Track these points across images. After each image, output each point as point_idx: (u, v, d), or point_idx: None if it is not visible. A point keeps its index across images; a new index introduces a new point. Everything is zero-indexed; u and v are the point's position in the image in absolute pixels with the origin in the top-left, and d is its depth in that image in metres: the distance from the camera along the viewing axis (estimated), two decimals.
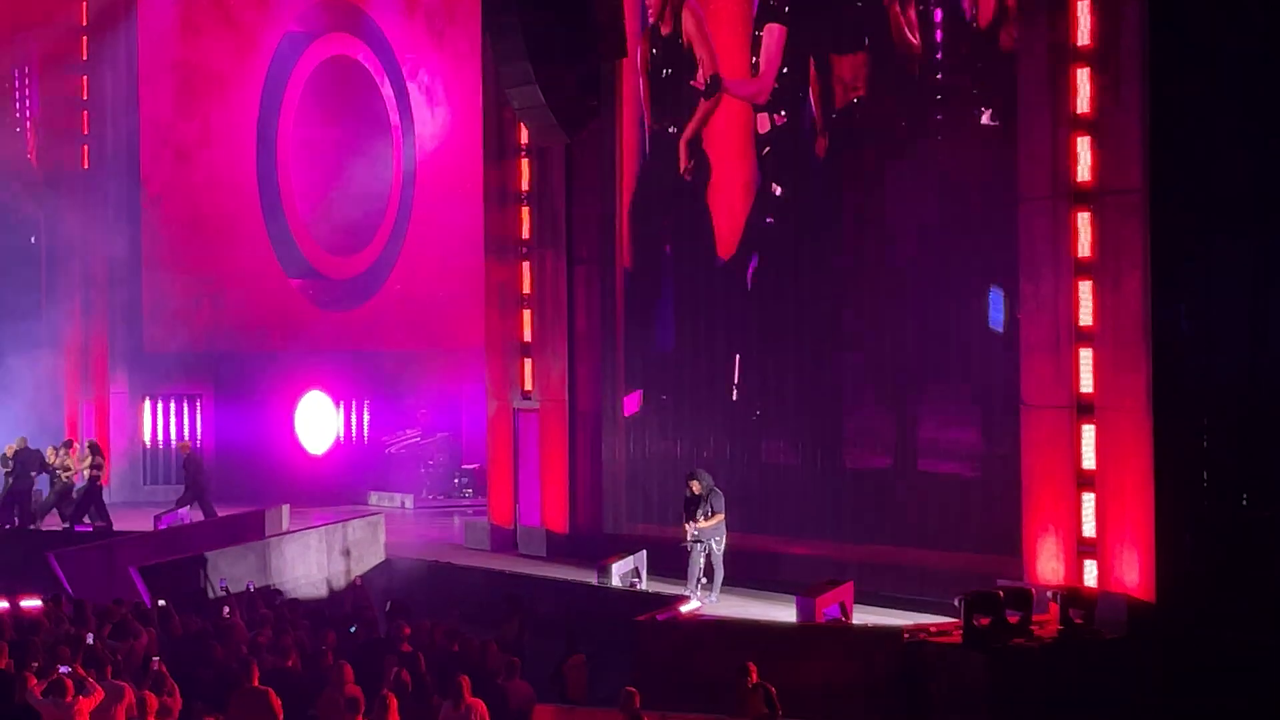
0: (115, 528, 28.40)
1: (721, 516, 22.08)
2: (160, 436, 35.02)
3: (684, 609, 20.86)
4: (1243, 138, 18.86)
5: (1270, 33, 18.72)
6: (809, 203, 23.43)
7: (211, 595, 23.44)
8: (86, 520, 28.98)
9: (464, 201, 32.16)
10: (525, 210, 27.42)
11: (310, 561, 25.88)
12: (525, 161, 27.38)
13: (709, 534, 22.01)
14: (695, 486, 22.18)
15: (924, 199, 21.85)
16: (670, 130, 25.42)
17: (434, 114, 36.91)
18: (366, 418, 36.70)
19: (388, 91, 37.01)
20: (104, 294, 34.62)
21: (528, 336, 27.40)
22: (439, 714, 15.77)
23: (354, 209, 36.28)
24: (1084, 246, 19.43)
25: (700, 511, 22.03)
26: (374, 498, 34.22)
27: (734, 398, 24.38)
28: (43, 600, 21.22)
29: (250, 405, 34.91)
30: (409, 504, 33.42)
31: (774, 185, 23.93)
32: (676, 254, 25.47)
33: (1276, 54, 18.69)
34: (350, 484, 34.96)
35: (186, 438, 30.53)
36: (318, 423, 36.01)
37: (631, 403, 25.85)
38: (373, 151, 36.40)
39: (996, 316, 20.70)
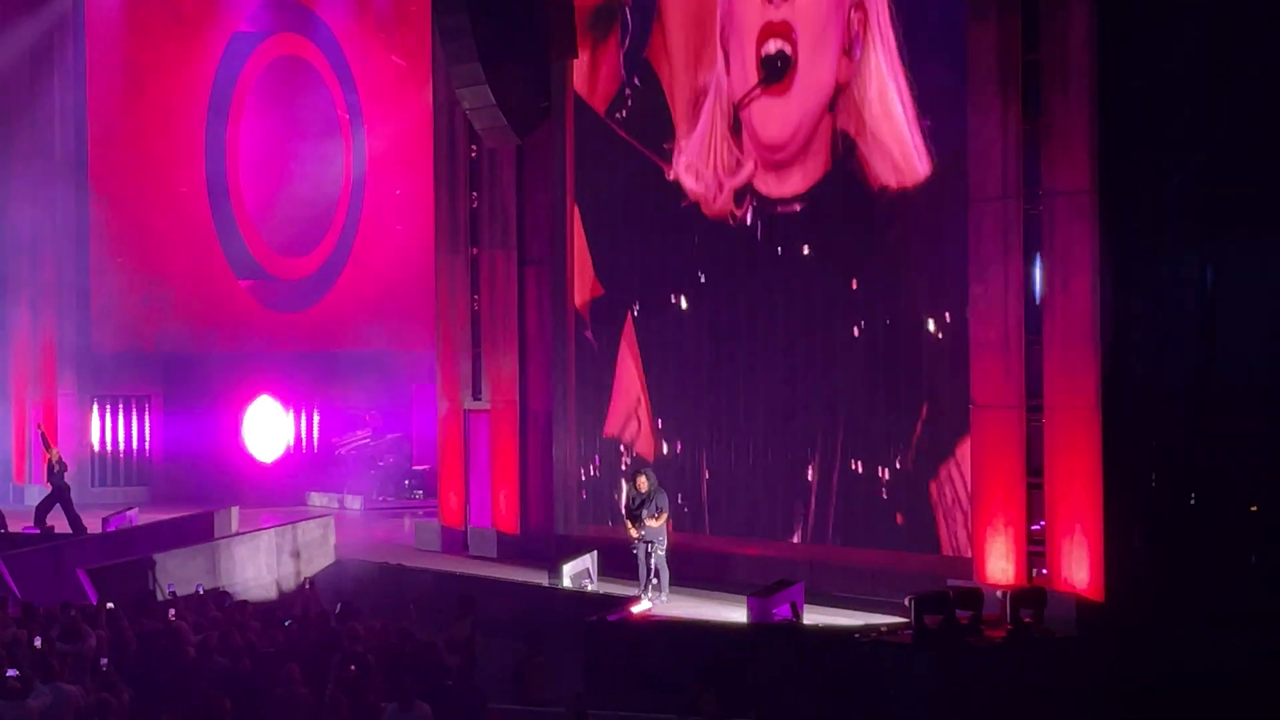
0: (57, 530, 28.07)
1: (666, 515, 21.96)
2: (109, 438, 34.86)
3: (635, 610, 20.84)
4: (1192, 139, 18.92)
5: (1218, 34, 18.80)
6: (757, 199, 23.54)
7: (160, 598, 23.28)
8: None
9: (414, 202, 32.06)
10: (476, 211, 27.37)
11: (260, 563, 25.74)
12: (476, 162, 27.33)
13: (655, 534, 21.81)
14: (642, 483, 21.89)
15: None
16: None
17: (384, 114, 36.80)
18: (317, 418, 36.51)
19: (337, 92, 36.89)
20: (52, 295, 34.41)
21: (479, 337, 27.34)
22: (384, 716, 15.68)
23: (304, 209, 36.17)
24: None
25: (647, 511, 21.86)
26: (315, 498, 34.05)
27: (686, 399, 24.42)
28: None
29: (199, 407, 34.73)
30: (355, 504, 33.23)
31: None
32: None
33: (1225, 55, 18.77)
34: (300, 484, 34.89)
35: (56, 448, 29.80)
36: (267, 425, 35.77)
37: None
38: (322, 152, 36.27)
39: None
